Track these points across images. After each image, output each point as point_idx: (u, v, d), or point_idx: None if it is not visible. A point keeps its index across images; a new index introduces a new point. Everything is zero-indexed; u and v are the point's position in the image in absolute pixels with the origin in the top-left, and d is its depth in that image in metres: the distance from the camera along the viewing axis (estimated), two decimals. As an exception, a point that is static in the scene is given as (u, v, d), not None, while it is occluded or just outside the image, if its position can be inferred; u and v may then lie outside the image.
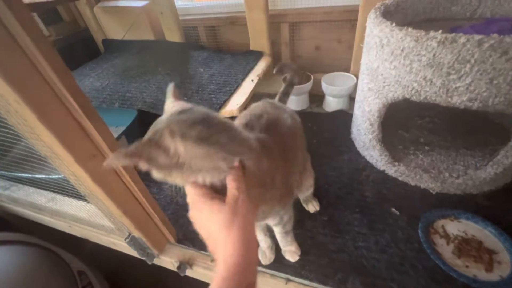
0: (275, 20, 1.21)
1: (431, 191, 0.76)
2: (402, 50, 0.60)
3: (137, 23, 1.38)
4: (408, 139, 0.91)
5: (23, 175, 0.80)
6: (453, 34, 0.52)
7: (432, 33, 0.54)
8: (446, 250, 0.62)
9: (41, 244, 0.99)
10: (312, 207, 0.75)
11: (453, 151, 0.84)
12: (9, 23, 0.33)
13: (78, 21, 1.50)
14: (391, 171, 0.82)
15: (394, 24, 0.62)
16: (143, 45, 1.40)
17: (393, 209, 0.73)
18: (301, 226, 0.72)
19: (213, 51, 1.33)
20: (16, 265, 0.89)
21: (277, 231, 0.60)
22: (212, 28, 1.39)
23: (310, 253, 0.66)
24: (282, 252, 0.66)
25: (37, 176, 0.76)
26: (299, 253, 0.65)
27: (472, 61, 0.51)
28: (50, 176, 0.73)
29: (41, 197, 0.86)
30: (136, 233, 0.64)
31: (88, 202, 0.66)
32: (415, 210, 0.72)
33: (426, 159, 0.83)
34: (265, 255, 0.65)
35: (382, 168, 0.85)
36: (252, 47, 1.25)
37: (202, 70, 1.15)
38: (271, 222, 0.55)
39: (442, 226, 0.67)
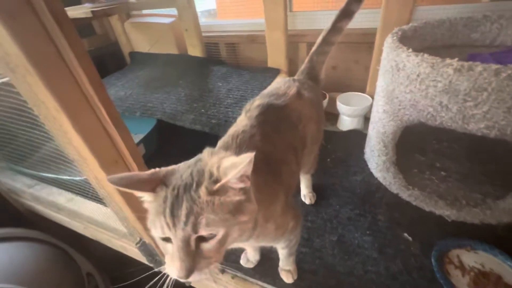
0: (293, 40, 1.25)
1: (446, 218, 0.74)
2: (418, 75, 0.61)
3: (163, 38, 1.47)
4: (424, 163, 0.90)
5: (48, 175, 0.85)
6: (470, 62, 0.52)
7: (448, 60, 0.55)
8: (461, 282, 0.60)
9: (55, 244, 1.03)
10: (309, 199, 0.83)
11: (471, 178, 0.81)
12: (56, 38, 0.37)
13: (109, 34, 1.62)
14: (405, 194, 0.80)
15: (410, 50, 0.63)
16: (167, 58, 1.48)
17: (406, 235, 0.71)
18: (310, 245, 0.71)
19: (232, 66, 1.39)
20: (32, 261, 0.93)
21: (283, 252, 0.60)
22: (232, 45, 1.45)
23: (318, 274, 0.65)
24: (279, 270, 0.65)
25: (60, 176, 0.80)
26: (295, 276, 0.64)
27: (489, 89, 0.51)
28: (73, 178, 0.78)
29: (62, 197, 0.90)
30: (147, 239, 0.66)
31: (104, 205, 0.69)
32: (429, 237, 0.70)
33: (442, 184, 0.81)
34: (252, 263, 0.69)
35: (395, 191, 0.83)
36: (270, 64, 1.29)
37: (220, 84, 1.20)
38: (280, 245, 0.56)
39: (458, 256, 0.64)
